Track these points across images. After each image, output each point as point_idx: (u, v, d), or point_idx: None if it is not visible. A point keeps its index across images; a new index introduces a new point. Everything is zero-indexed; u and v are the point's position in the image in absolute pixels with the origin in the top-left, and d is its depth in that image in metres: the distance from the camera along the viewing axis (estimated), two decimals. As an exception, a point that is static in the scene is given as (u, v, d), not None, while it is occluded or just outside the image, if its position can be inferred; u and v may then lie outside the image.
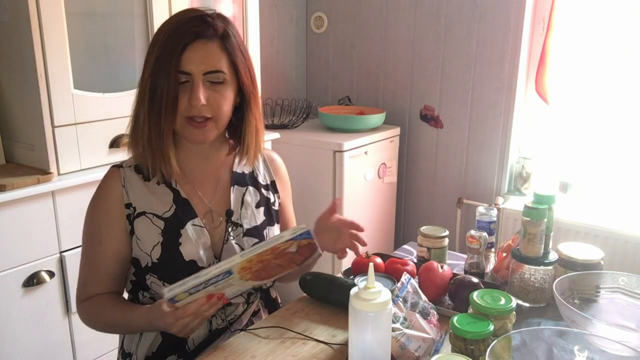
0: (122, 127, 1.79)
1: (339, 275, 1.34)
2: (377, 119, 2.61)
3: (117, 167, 1.16)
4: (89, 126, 1.74)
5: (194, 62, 1.05)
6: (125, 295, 1.21)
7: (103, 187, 1.15)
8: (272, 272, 1.05)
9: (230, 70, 1.09)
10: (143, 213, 1.13)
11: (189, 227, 1.13)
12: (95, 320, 1.15)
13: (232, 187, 1.21)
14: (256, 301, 1.26)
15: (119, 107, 1.79)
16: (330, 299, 1.24)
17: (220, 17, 1.10)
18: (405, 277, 1.07)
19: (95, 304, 1.14)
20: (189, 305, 0.98)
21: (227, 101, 1.10)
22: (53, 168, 1.65)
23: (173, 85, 1.04)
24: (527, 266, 1.22)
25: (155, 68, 1.05)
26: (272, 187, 1.28)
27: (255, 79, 1.16)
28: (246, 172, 1.25)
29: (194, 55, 1.05)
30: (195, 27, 1.05)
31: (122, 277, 1.18)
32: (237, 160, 1.22)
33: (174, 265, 1.12)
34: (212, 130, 1.10)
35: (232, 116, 1.14)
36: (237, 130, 1.18)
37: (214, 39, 1.07)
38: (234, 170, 1.23)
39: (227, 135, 1.21)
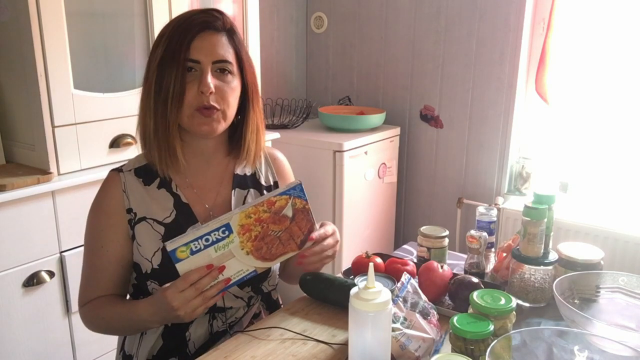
0: (122, 127, 1.82)
1: (339, 275, 1.34)
2: (377, 119, 2.61)
3: (116, 171, 1.15)
4: (89, 126, 1.74)
5: (203, 51, 1.05)
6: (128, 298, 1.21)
7: (103, 192, 1.14)
8: (274, 251, 1.05)
9: (237, 64, 1.10)
10: (143, 218, 1.12)
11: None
12: (98, 319, 1.13)
13: (233, 191, 1.20)
14: (257, 304, 1.25)
15: (119, 107, 1.79)
16: (330, 299, 1.24)
17: (226, 15, 1.12)
18: (405, 277, 1.07)
19: (96, 304, 1.13)
20: (189, 273, 0.98)
21: (235, 93, 1.10)
22: (53, 168, 1.65)
23: (181, 75, 1.04)
24: (527, 266, 1.22)
25: (163, 59, 1.05)
26: (275, 188, 1.27)
27: (256, 78, 1.16)
28: (248, 173, 1.24)
29: (203, 45, 1.06)
30: (204, 18, 1.07)
31: (125, 281, 1.17)
32: (238, 161, 1.21)
33: (174, 272, 1.11)
34: (220, 121, 1.09)
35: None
36: (237, 129, 1.17)
37: (222, 31, 1.09)
38: (236, 172, 1.22)
39: (227, 136, 1.20)
